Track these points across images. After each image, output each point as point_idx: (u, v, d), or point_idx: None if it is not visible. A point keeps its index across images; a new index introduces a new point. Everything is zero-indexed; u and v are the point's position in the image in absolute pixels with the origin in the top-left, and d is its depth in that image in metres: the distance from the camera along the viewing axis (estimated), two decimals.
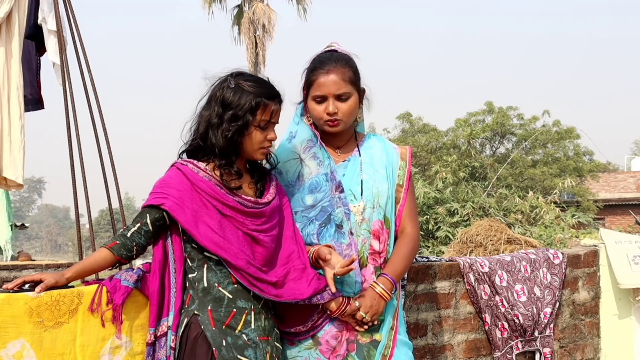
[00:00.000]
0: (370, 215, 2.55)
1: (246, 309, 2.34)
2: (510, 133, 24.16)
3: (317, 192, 2.54)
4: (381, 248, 2.56)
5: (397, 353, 2.53)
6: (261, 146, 2.39)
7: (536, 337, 3.66)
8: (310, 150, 2.60)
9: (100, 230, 46.01)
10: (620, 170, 35.96)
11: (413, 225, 2.65)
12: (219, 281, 2.33)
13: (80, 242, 5.47)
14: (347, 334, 2.50)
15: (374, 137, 2.73)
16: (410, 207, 2.66)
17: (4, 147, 5.05)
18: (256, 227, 2.36)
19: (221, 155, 2.36)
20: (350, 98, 2.52)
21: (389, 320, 2.55)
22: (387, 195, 2.58)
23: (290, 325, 2.48)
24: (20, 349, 2.14)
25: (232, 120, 2.33)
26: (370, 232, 2.55)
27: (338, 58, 2.54)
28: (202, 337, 2.30)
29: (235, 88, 2.35)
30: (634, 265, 4.09)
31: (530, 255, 3.78)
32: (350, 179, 2.58)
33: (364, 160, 2.62)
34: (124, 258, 2.34)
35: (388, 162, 2.64)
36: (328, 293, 2.41)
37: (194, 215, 2.30)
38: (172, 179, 2.34)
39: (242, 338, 2.31)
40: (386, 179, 2.60)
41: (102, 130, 5.69)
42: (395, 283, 2.52)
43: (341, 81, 2.50)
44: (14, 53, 5.13)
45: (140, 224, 2.34)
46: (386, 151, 2.67)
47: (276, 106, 2.39)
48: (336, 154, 2.64)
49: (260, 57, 27.19)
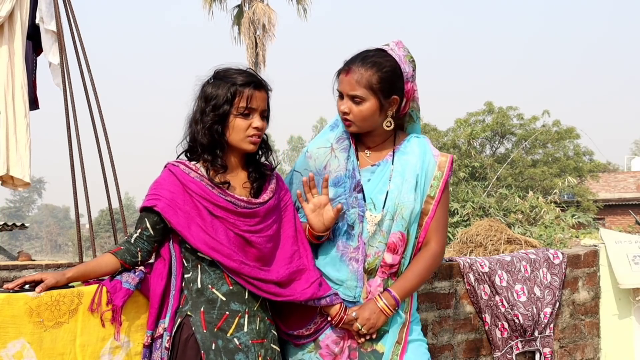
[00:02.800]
0: (388, 227, 2.45)
1: (239, 312, 2.33)
2: (510, 133, 24.17)
3: (339, 187, 2.49)
4: (396, 261, 2.47)
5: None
6: (246, 135, 2.34)
7: (536, 337, 3.66)
8: (343, 143, 2.55)
9: (100, 230, 45.99)
10: (620, 170, 35.95)
11: (438, 241, 2.51)
12: (213, 283, 2.32)
13: (80, 242, 5.46)
14: (348, 340, 2.46)
15: (416, 141, 2.56)
16: (439, 222, 2.51)
17: (10, 146, 5.07)
18: (249, 227, 2.33)
19: (207, 149, 2.34)
20: (365, 103, 2.42)
21: (393, 334, 2.47)
22: (412, 207, 2.45)
23: (293, 328, 2.47)
24: (20, 349, 2.14)
25: (212, 112, 2.32)
26: (385, 244, 2.45)
27: (368, 60, 2.43)
28: (192, 339, 2.29)
29: (214, 82, 2.35)
30: (634, 265, 4.09)
31: (530, 255, 3.78)
32: (374, 186, 2.49)
33: (395, 168, 2.49)
34: (127, 263, 2.34)
35: (422, 171, 2.50)
36: (326, 300, 2.39)
37: (186, 216, 2.29)
38: (165, 181, 2.34)
39: (234, 342, 2.30)
40: (414, 189, 2.47)
41: (102, 130, 5.69)
42: (398, 301, 2.43)
43: (355, 83, 2.41)
44: (17, 52, 5.14)
45: (141, 230, 2.35)
46: (423, 158, 2.52)
47: (253, 92, 2.33)
48: (365, 154, 2.55)
49: (260, 57, 27.20)
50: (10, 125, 5.08)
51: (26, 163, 5.13)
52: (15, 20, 5.12)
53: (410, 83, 2.47)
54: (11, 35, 5.12)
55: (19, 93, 5.12)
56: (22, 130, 5.11)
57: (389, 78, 2.43)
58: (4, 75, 5.07)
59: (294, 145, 67.37)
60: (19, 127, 5.11)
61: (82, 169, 5.46)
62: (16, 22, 5.13)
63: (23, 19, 5.19)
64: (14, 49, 5.13)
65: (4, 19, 5.02)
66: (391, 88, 2.44)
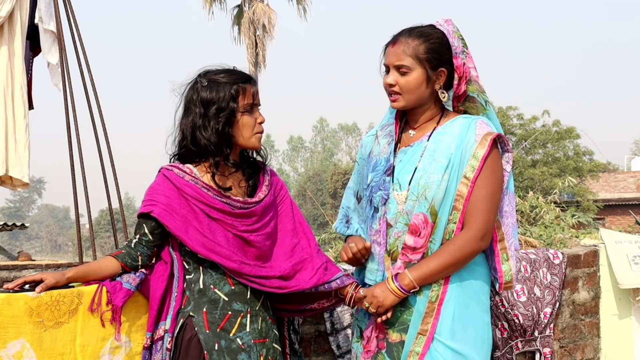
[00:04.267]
0: (411, 208, 2.35)
1: (242, 311, 2.33)
2: (510, 133, 24.18)
3: (374, 172, 2.47)
4: (419, 244, 2.35)
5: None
6: (255, 131, 2.37)
7: (536, 337, 3.66)
8: (387, 129, 2.53)
9: (100, 230, 45.98)
10: (620, 170, 35.96)
11: (471, 226, 2.31)
12: (215, 283, 2.33)
13: (80, 242, 5.46)
14: (376, 330, 2.44)
15: (461, 122, 2.41)
16: (476, 204, 2.31)
17: (9, 146, 5.06)
18: (247, 227, 2.34)
19: (216, 151, 2.34)
20: (411, 73, 2.36)
21: (415, 324, 2.34)
22: (438, 187, 2.32)
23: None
24: (20, 349, 2.14)
25: (218, 114, 2.32)
26: (407, 225, 2.36)
27: (415, 32, 2.39)
28: (195, 339, 2.29)
29: (209, 85, 2.35)
30: (634, 265, 4.09)
31: (530, 255, 3.78)
32: (404, 165, 2.42)
33: (428, 147, 2.40)
34: (128, 266, 2.35)
35: (457, 150, 2.35)
36: (336, 282, 2.40)
37: (183, 220, 2.29)
38: (160, 186, 2.34)
39: (236, 342, 2.30)
40: (444, 169, 2.33)
41: (102, 130, 5.69)
42: (413, 283, 2.31)
43: (402, 53, 2.36)
44: (17, 52, 5.14)
45: (140, 235, 2.36)
46: (461, 138, 2.36)
47: (254, 87, 2.38)
48: (409, 135, 2.48)
49: (260, 57, 27.22)
50: (10, 125, 5.07)
51: (25, 163, 5.13)
52: (15, 20, 5.12)
53: (461, 59, 2.39)
54: (11, 36, 5.11)
55: (18, 93, 5.11)
56: (21, 130, 5.11)
57: (436, 49, 2.37)
58: (3, 75, 5.06)
59: (294, 145, 67.32)
60: (18, 128, 5.10)
61: (82, 169, 5.46)
62: (16, 23, 5.12)
63: (23, 19, 5.18)
64: (14, 49, 5.12)
65: (3, 19, 5.01)
66: (439, 59, 2.38)
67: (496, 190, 2.36)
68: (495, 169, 2.36)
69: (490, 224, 2.35)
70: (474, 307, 2.38)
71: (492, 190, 2.35)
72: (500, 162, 2.40)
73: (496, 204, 2.37)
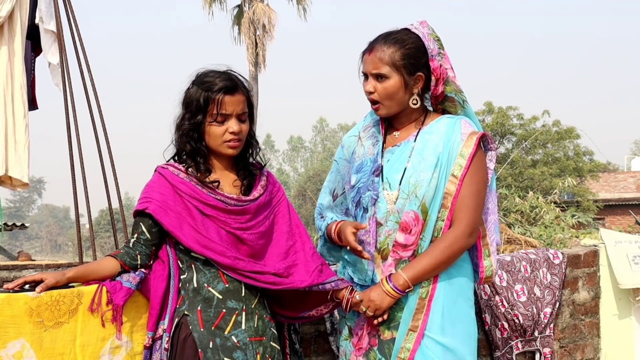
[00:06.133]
0: (402, 206, 2.39)
1: (237, 309, 2.34)
2: (510, 133, 24.19)
3: (360, 173, 2.49)
4: (410, 241, 2.39)
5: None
6: (223, 140, 2.36)
7: (536, 337, 3.66)
8: (369, 130, 2.56)
9: (100, 230, 45.97)
10: (620, 170, 35.97)
11: (460, 223, 2.36)
12: (209, 281, 2.33)
13: (80, 242, 5.46)
14: (367, 327, 2.45)
15: (446, 121, 2.47)
16: (464, 201, 2.36)
17: (9, 146, 5.06)
18: (240, 225, 2.35)
19: (190, 155, 2.38)
20: (388, 80, 2.40)
21: (406, 321, 2.38)
22: (428, 185, 2.36)
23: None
24: (20, 349, 2.14)
25: (188, 120, 2.36)
26: (398, 224, 2.40)
27: (391, 38, 2.42)
28: (190, 338, 2.30)
29: (193, 88, 2.37)
30: (634, 265, 4.09)
31: (530, 255, 3.78)
32: (392, 165, 2.46)
33: (416, 147, 2.44)
34: (127, 264, 2.36)
35: (445, 149, 2.40)
36: (331, 285, 2.40)
37: (177, 217, 2.31)
38: (155, 183, 2.37)
39: (232, 340, 2.31)
40: (433, 167, 2.38)
41: (102, 130, 5.69)
42: (407, 283, 2.34)
43: (378, 61, 2.39)
44: (17, 52, 5.13)
45: (137, 234, 2.37)
46: (448, 137, 2.41)
47: (224, 97, 2.33)
48: (393, 136, 2.52)
49: (260, 57, 27.20)
50: (9, 125, 5.07)
51: (25, 164, 5.13)
52: (15, 20, 5.12)
53: (437, 61, 2.42)
54: (11, 36, 5.11)
55: (18, 94, 5.11)
56: (21, 130, 5.11)
57: (412, 54, 2.40)
58: (3, 75, 5.06)
59: (294, 145, 67.32)
60: (18, 128, 5.10)
61: (82, 169, 5.46)
62: (16, 23, 5.12)
63: (23, 20, 5.18)
64: (14, 50, 5.12)
65: (3, 19, 5.01)
66: (415, 64, 2.41)
67: (482, 188, 2.43)
68: (481, 167, 2.43)
69: (478, 220, 2.41)
70: (461, 303, 2.44)
71: (478, 187, 2.41)
72: (485, 161, 2.47)
73: (482, 201, 2.44)
